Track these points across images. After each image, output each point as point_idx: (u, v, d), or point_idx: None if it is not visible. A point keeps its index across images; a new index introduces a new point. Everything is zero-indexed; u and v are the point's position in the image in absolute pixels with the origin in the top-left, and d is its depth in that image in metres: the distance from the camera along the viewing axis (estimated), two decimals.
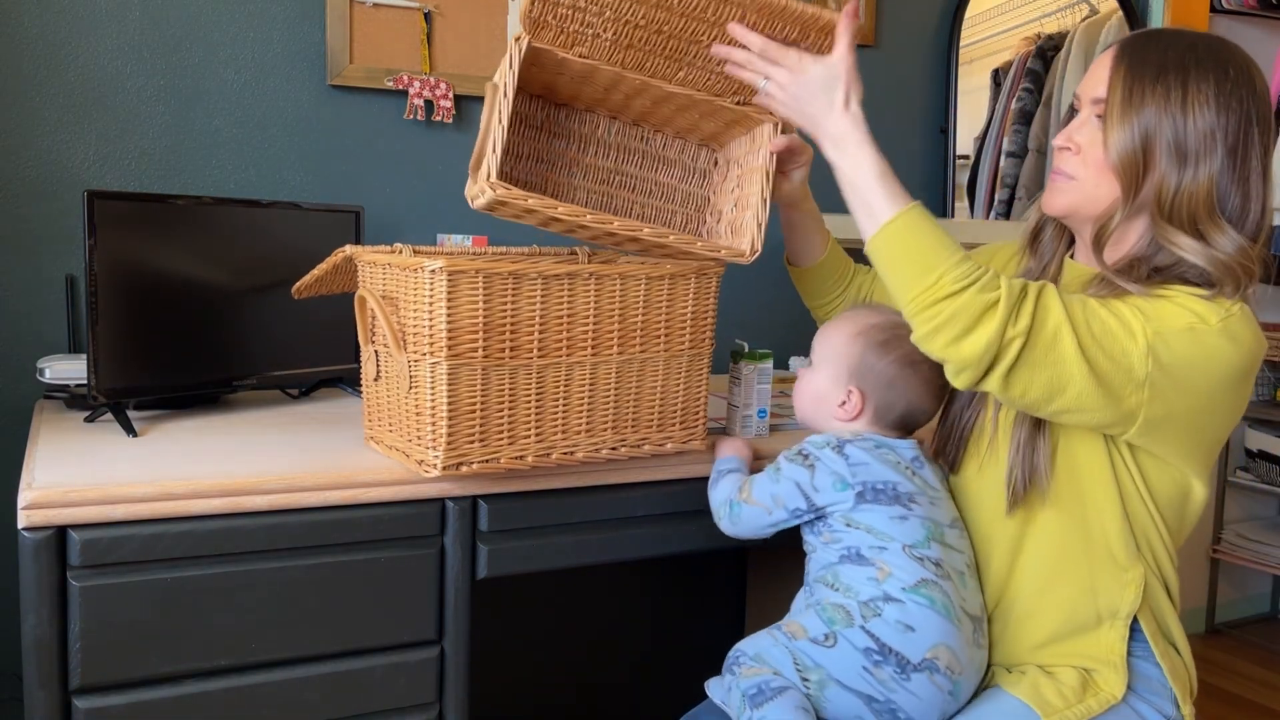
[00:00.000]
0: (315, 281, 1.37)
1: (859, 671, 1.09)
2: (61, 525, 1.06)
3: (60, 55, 1.65)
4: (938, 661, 1.08)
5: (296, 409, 1.56)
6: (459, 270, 1.13)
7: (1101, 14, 2.54)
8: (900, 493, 1.15)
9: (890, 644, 1.08)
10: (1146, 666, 1.14)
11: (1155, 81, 1.08)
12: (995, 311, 0.99)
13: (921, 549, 1.12)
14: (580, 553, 1.31)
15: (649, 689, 2.10)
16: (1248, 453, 2.94)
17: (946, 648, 1.09)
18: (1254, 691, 2.61)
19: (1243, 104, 1.07)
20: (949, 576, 1.12)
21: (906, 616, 1.09)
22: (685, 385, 1.33)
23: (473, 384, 1.17)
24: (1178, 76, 1.07)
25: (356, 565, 1.18)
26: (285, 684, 1.16)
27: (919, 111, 2.36)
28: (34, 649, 1.05)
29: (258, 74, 1.78)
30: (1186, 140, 1.06)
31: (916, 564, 1.11)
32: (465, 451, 1.18)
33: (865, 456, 1.17)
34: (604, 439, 1.28)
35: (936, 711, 1.10)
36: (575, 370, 1.24)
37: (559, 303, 1.20)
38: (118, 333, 1.37)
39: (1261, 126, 1.08)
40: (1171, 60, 1.08)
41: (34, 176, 1.65)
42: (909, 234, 1.05)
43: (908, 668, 1.08)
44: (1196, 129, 1.06)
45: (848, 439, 1.19)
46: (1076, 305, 1.02)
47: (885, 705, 1.09)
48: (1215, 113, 1.06)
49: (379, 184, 1.87)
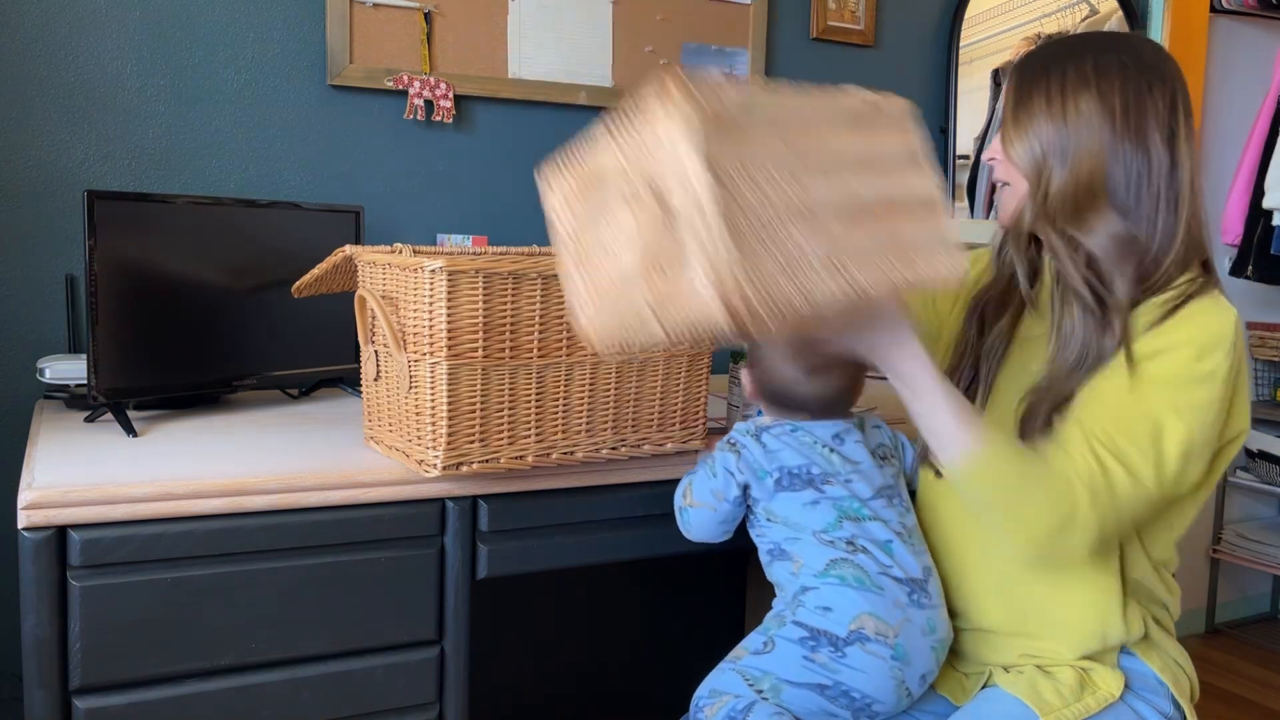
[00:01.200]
0: (315, 281, 1.37)
1: (800, 663, 1.12)
2: (61, 525, 1.06)
3: (60, 55, 1.65)
4: (865, 630, 1.11)
5: (296, 409, 1.56)
6: (459, 270, 1.13)
7: (1101, 14, 2.54)
8: (814, 475, 1.17)
9: (817, 626, 1.12)
10: (1143, 666, 1.14)
11: (1041, 75, 1.12)
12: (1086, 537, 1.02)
13: (831, 532, 1.15)
14: (580, 553, 1.31)
15: (649, 689, 2.10)
16: (1248, 453, 2.94)
17: (869, 615, 1.11)
18: (1254, 691, 2.61)
19: (1122, 78, 1.09)
20: (864, 550, 1.14)
21: (822, 599, 1.13)
22: (685, 385, 1.33)
23: (473, 384, 1.17)
24: (1058, 67, 1.11)
25: (356, 565, 1.18)
26: (285, 684, 1.16)
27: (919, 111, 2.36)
28: (34, 649, 1.05)
29: (258, 74, 1.78)
30: (1072, 124, 1.09)
31: (826, 548, 1.15)
32: (465, 451, 1.18)
33: (779, 443, 1.19)
34: (604, 439, 1.28)
35: (889, 680, 1.11)
36: (575, 370, 1.24)
37: (559, 302, 1.20)
38: (118, 333, 1.37)
39: (1157, 101, 1.09)
40: (1051, 55, 1.13)
41: (34, 176, 1.65)
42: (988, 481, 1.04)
43: (839, 643, 1.11)
44: (1084, 111, 1.09)
45: (766, 425, 1.22)
46: (1135, 457, 1.03)
47: (836, 689, 1.11)
48: (1096, 94, 1.09)
49: (379, 184, 1.87)
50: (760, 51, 2.15)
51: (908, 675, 1.12)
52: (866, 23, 2.26)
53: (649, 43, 2.05)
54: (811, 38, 2.22)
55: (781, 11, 2.18)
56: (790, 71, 2.20)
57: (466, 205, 1.94)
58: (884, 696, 1.11)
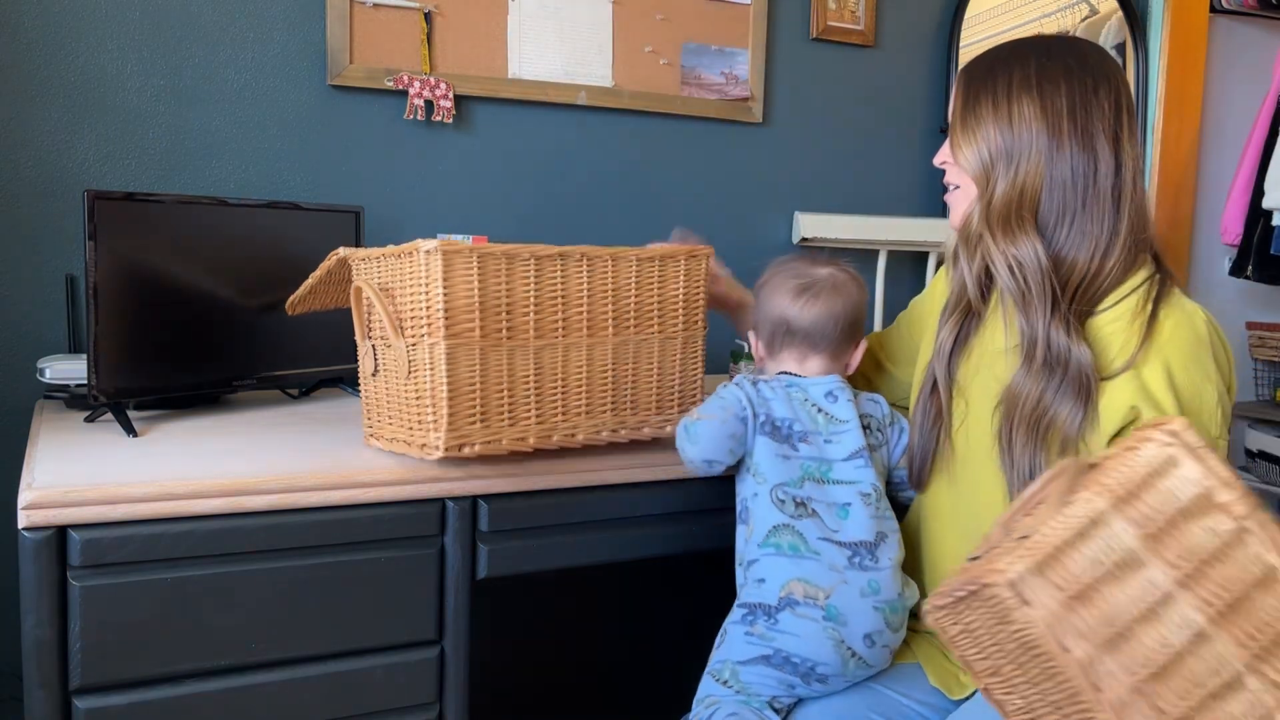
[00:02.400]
0: (309, 294, 1.37)
1: (744, 640, 1.18)
2: (61, 525, 1.06)
3: (60, 55, 1.65)
4: (794, 595, 1.15)
5: (296, 409, 1.56)
6: (454, 251, 1.15)
7: (1101, 14, 2.54)
8: (793, 431, 1.22)
9: (753, 601, 1.18)
10: None
11: (983, 79, 1.15)
12: None
13: (790, 489, 1.20)
14: (580, 553, 1.31)
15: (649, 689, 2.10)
16: (1248, 453, 2.94)
17: (798, 580, 1.15)
18: None
19: (1062, 80, 1.11)
20: (813, 514, 1.18)
21: (758, 571, 1.19)
22: (681, 368, 1.36)
23: (471, 365, 1.18)
24: (1004, 70, 1.14)
25: (356, 565, 1.18)
26: (285, 684, 1.16)
27: (919, 111, 2.36)
28: (34, 649, 1.05)
29: (258, 74, 1.78)
30: (1017, 126, 1.12)
31: (775, 508, 1.19)
32: (467, 433, 1.18)
33: (772, 393, 1.25)
34: (604, 420, 1.29)
35: (826, 641, 1.14)
36: (572, 351, 1.25)
37: (552, 283, 1.22)
38: (118, 332, 1.37)
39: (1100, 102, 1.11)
40: (994, 60, 1.15)
41: (34, 176, 1.65)
42: None
43: (771, 611, 1.16)
44: (1024, 114, 1.11)
45: (762, 379, 1.28)
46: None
47: (777, 656, 1.16)
48: (1036, 96, 1.11)
49: (379, 184, 1.87)
50: (760, 51, 2.15)
51: (846, 635, 1.15)
52: (866, 23, 2.26)
53: (649, 43, 2.05)
54: (811, 38, 2.22)
55: (781, 11, 2.18)
56: (790, 71, 2.20)
57: (466, 205, 1.94)
58: (824, 658, 1.15)
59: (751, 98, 2.15)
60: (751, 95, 2.15)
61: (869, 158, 2.32)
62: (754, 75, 2.15)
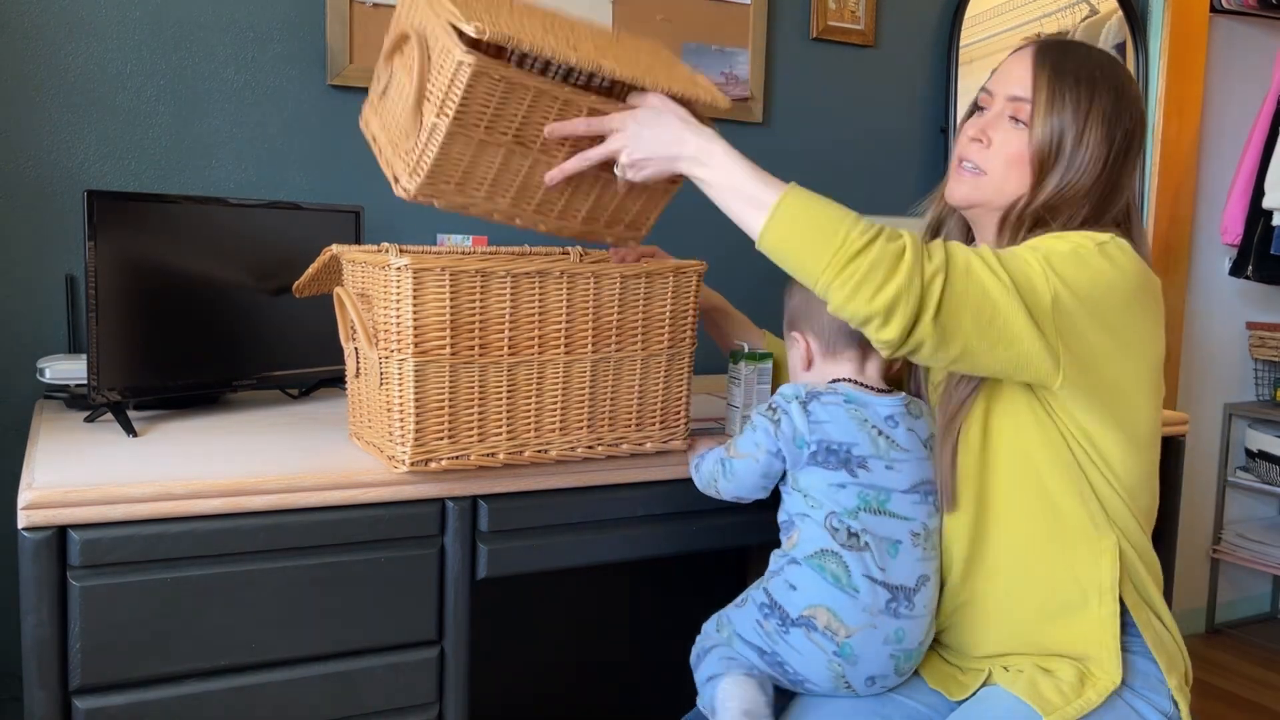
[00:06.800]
0: (311, 280, 1.38)
1: (753, 625, 1.20)
2: (61, 525, 1.06)
3: (60, 55, 1.65)
4: (815, 620, 1.14)
5: (296, 409, 1.56)
6: (424, 268, 1.13)
7: (1101, 13, 2.54)
8: (852, 456, 1.17)
9: (776, 599, 1.18)
10: (1142, 662, 1.15)
11: (1074, 88, 1.17)
12: (907, 254, 1.01)
13: (845, 518, 1.16)
14: (580, 553, 1.31)
15: (649, 689, 2.10)
16: (1248, 453, 2.94)
17: (826, 609, 1.14)
18: (1254, 691, 2.61)
19: (1126, 123, 1.18)
20: (865, 547, 1.15)
21: (793, 577, 1.17)
22: (665, 385, 1.32)
23: (440, 382, 1.17)
24: (1088, 89, 1.17)
25: (356, 565, 1.18)
26: (285, 684, 1.16)
27: (919, 111, 2.37)
28: (34, 649, 1.06)
29: (258, 74, 1.78)
30: (1085, 145, 1.16)
31: (827, 534, 1.15)
32: (433, 449, 1.18)
33: (828, 414, 1.18)
34: (579, 437, 1.27)
35: (826, 670, 1.14)
36: (548, 368, 1.23)
37: (529, 301, 1.20)
38: (118, 333, 1.37)
39: (1137, 145, 1.20)
40: (1084, 74, 1.18)
41: (34, 176, 1.65)
42: (800, 210, 1.05)
43: (787, 621, 1.16)
44: (1094, 138, 1.16)
45: (820, 391, 1.20)
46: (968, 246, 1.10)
47: (772, 658, 1.18)
48: (1107, 126, 1.17)
49: (379, 184, 1.86)
50: (760, 51, 2.15)
51: (850, 672, 1.15)
52: (866, 23, 2.26)
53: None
54: (811, 38, 2.22)
55: (781, 11, 2.18)
56: (790, 71, 2.20)
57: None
58: (819, 681, 1.16)
59: (751, 98, 2.15)
60: (751, 95, 2.15)
61: (869, 158, 2.32)
62: (754, 75, 2.15)
